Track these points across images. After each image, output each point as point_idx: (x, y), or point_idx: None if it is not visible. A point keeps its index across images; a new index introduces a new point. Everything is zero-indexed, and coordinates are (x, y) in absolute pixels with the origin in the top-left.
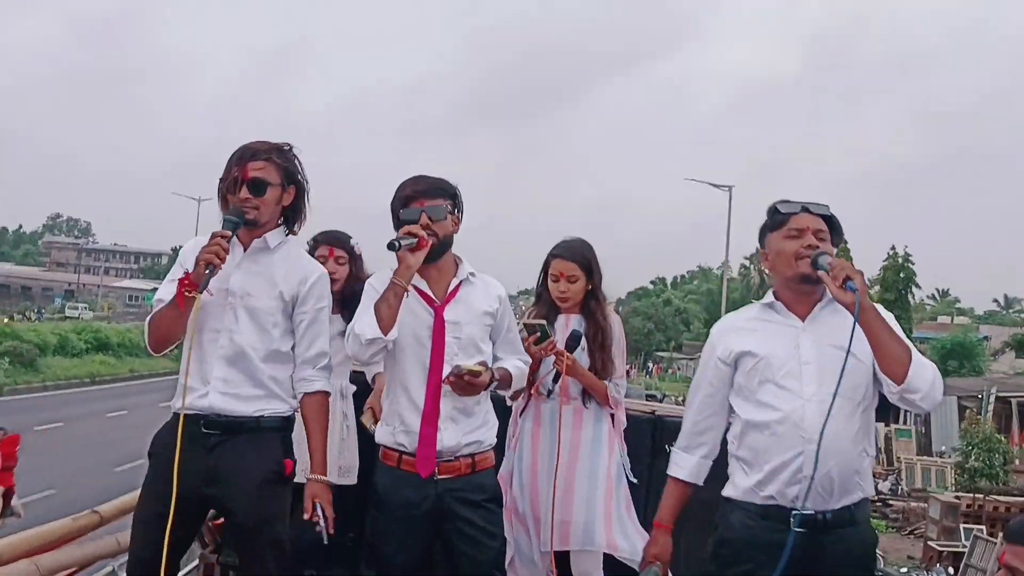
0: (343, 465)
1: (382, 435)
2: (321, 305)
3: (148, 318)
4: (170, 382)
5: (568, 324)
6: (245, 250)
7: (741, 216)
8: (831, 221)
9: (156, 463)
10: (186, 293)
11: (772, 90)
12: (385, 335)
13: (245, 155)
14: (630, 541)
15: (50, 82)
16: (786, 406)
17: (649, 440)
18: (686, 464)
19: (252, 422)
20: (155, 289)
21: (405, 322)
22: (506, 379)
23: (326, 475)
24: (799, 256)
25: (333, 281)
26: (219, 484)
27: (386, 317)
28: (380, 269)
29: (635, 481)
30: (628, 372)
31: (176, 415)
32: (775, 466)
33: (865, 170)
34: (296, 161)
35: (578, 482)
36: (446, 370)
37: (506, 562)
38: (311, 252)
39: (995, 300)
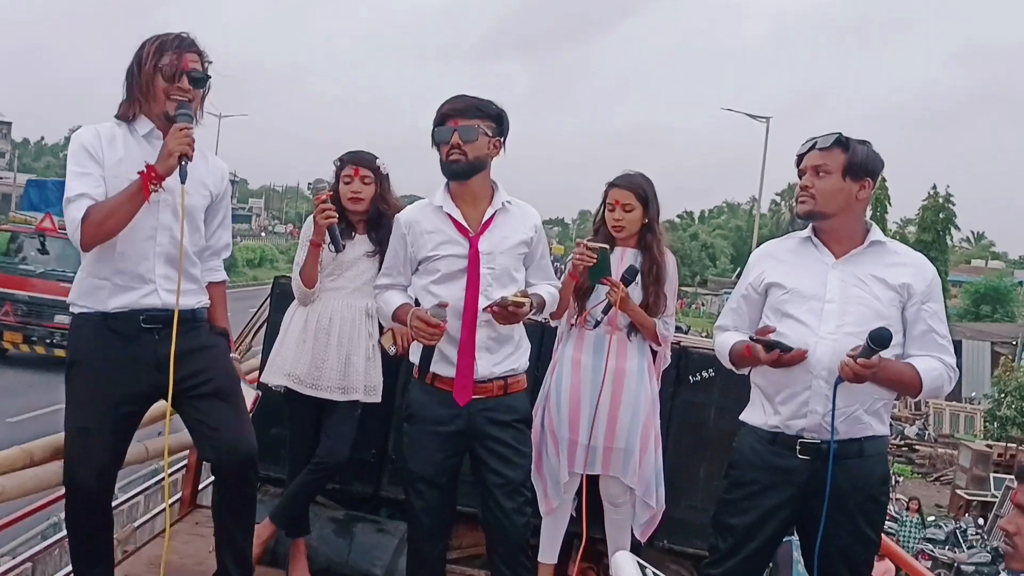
0: (368, 384)
1: (417, 356)
2: (228, 199)
3: (78, 215)
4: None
5: (624, 257)
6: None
7: (774, 150)
8: (844, 147)
9: (86, 369)
10: (151, 186)
11: (812, 20)
12: (308, 287)
13: (184, 44)
14: (645, 483)
15: (74, 3)
16: (800, 341)
17: (673, 370)
18: (734, 336)
19: (189, 314)
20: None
21: (440, 255)
22: (540, 305)
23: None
24: (797, 197)
25: (359, 200)
26: (181, 368)
27: (307, 272)
28: (411, 199)
29: (667, 427)
30: None
31: (99, 315)
32: (783, 397)
33: (903, 104)
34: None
35: (622, 411)
36: (481, 302)
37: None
38: (336, 172)
39: None
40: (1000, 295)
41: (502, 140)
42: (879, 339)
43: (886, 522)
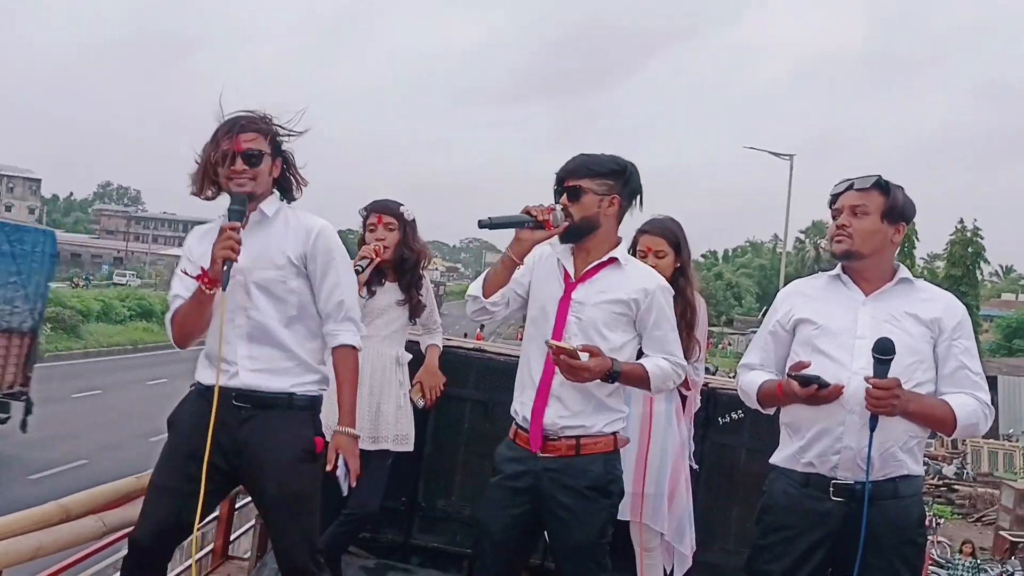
0: (399, 433)
1: (513, 408)
2: (330, 257)
3: (168, 315)
4: None
5: None
6: (244, 226)
7: (796, 189)
8: (885, 190)
9: (175, 433)
10: (206, 291)
11: (833, 62)
12: (485, 297)
13: (235, 127)
14: (675, 527)
15: (105, 51)
16: (832, 377)
17: (702, 412)
18: (761, 375)
19: (285, 398)
20: None
21: (539, 295)
22: (636, 375)
23: (354, 426)
24: (830, 235)
25: (384, 248)
26: (247, 458)
27: (491, 281)
28: (435, 244)
29: (696, 468)
30: None
31: (199, 387)
32: (815, 434)
33: (927, 141)
34: (279, 132)
35: (651, 456)
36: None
37: None
38: (364, 221)
39: None
40: None
41: (621, 197)
42: (882, 349)
43: (936, 568)
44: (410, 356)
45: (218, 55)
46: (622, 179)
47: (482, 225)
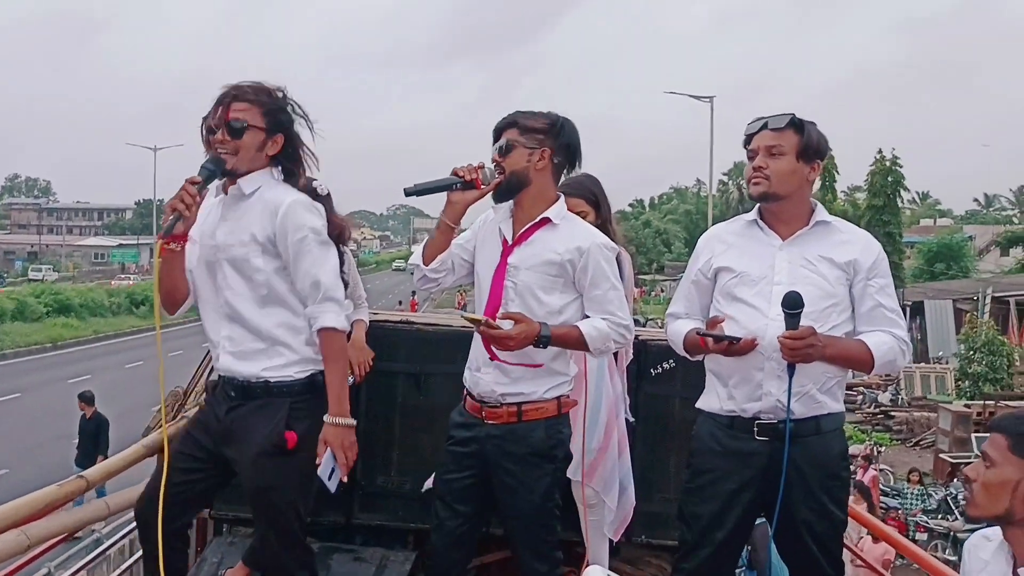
0: None
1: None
2: (300, 235)
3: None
4: (136, 341)
5: None
6: (225, 191)
7: (718, 132)
8: (798, 128)
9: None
10: (164, 246)
11: (754, 4)
12: (424, 264)
13: (228, 96)
14: (605, 483)
15: (9, 36)
16: (751, 324)
17: (634, 364)
18: (687, 324)
19: (261, 386)
20: (121, 246)
21: (481, 260)
22: (571, 338)
23: (345, 415)
24: (747, 177)
25: None
26: (230, 447)
27: (429, 248)
28: (360, 215)
29: (632, 420)
30: None
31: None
32: (737, 381)
33: (843, 79)
34: (287, 107)
35: (586, 414)
36: (500, 315)
37: None
38: None
39: (975, 199)
40: (953, 252)
41: (549, 151)
42: (791, 303)
43: (886, 499)
44: None
45: (131, 30)
46: (552, 133)
47: (408, 193)
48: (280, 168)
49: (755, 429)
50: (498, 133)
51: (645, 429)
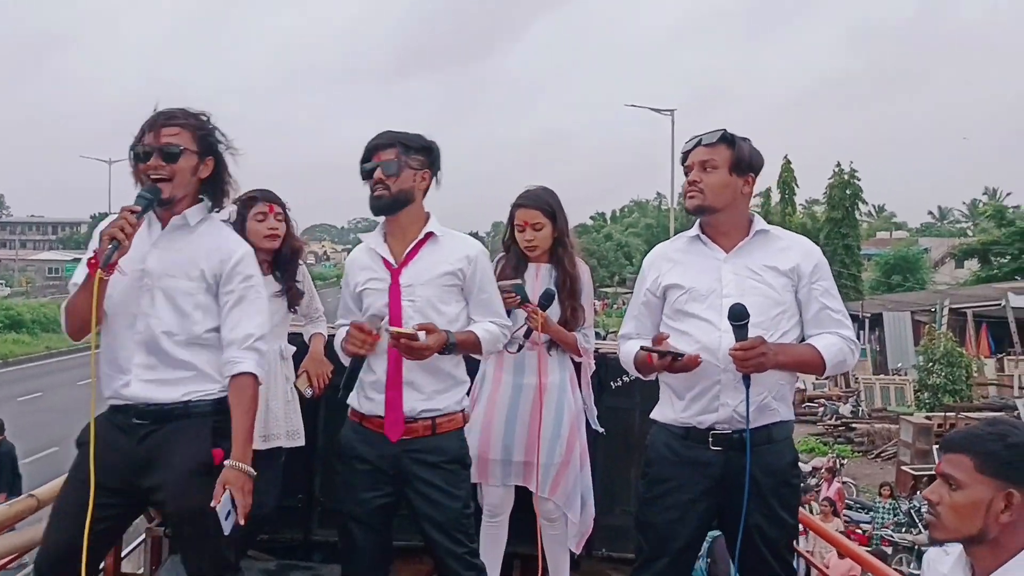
0: (290, 428)
1: (351, 399)
2: (249, 284)
3: (64, 303)
4: (88, 358)
5: (538, 274)
6: (164, 227)
7: (679, 145)
8: (730, 143)
9: (82, 453)
10: (99, 273)
11: (711, 15)
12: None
13: (158, 120)
14: (567, 496)
15: None
16: (704, 337)
17: (595, 377)
18: (636, 344)
19: (180, 408)
20: (76, 260)
21: (369, 289)
22: (470, 342)
23: (247, 462)
24: (685, 192)
25: (275, 238)
26: (151, 475)
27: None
28: (322, 228)
29: (601, 431)
30: None
31: (107, 404)
32: (694, 394)
33: (803, 90)
34: (216, 130)
35: (543, 427)
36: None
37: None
38: (242, 210)
39: (929, 212)
40: (909, 264)
41: (431, 172)
42: (736, 315)
43: (850, 512)
44: (294, 348)
45: (82, 51)
46: (431, 155)
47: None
48: (209, 193)
49: (710, 439)
50: (375, 151)
51: (606, 442)
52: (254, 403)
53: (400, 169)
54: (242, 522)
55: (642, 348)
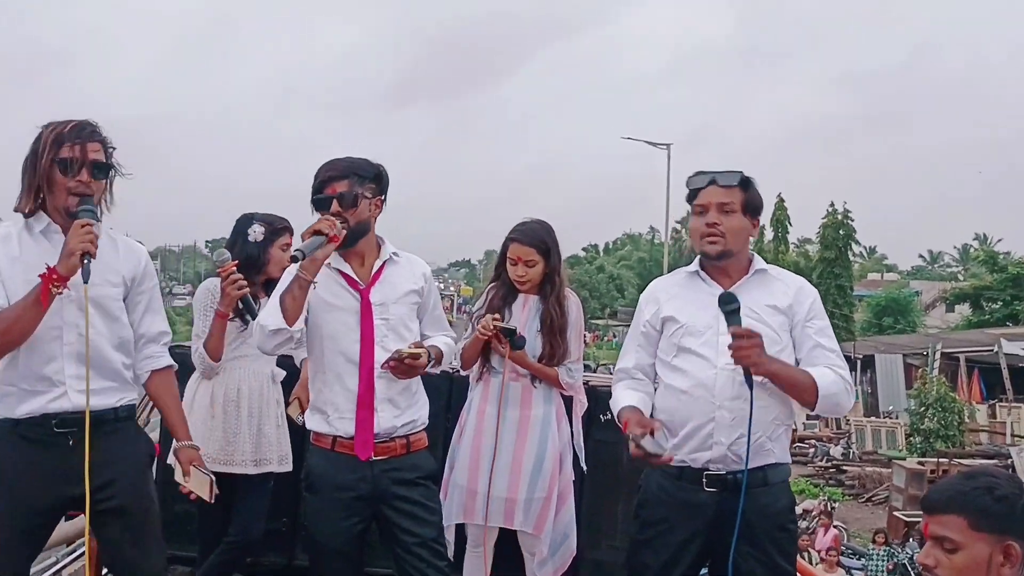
0: (281, 453)
1: (314, 422)
2: (154, 283)
3: None
4: None
5: (526, 306)
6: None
7: (674, 179)
8: (745, 186)
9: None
10: (53, 289)
11: (705, 55)
12: (290, 326)
13: (83, 134)
14: (548, 531)
15: None
16: (700, 374)
17: (584, 412)
18: (631, 397)
19: (110, 414)
20: None
21: (331, 308)
22: (439, 357)
23: (191, 440)
24: (702, 235)
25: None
26: (93, 478)
27: (291, 308)
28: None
29: (584, 468)
30: None
31: (5, 423)
32: (688, 431)
33: (796, 129)
34: (113, 149)
35: (525, 460)
36: (377, 353)
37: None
38: (271, 235)
39: (920, 256)
40: (900, 306)
41: (383, 198)
42: (726, 299)
43: (854, 560)
44: (284, 373)
45: (77, 71)
46: (382, 182)
47: (296, 259)
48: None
49: (704, 480)
50: (328, 183)
51: (594, 476)
52: (177, 389)
53: (357, 201)
54: (218, 491)
55: (624, 420)
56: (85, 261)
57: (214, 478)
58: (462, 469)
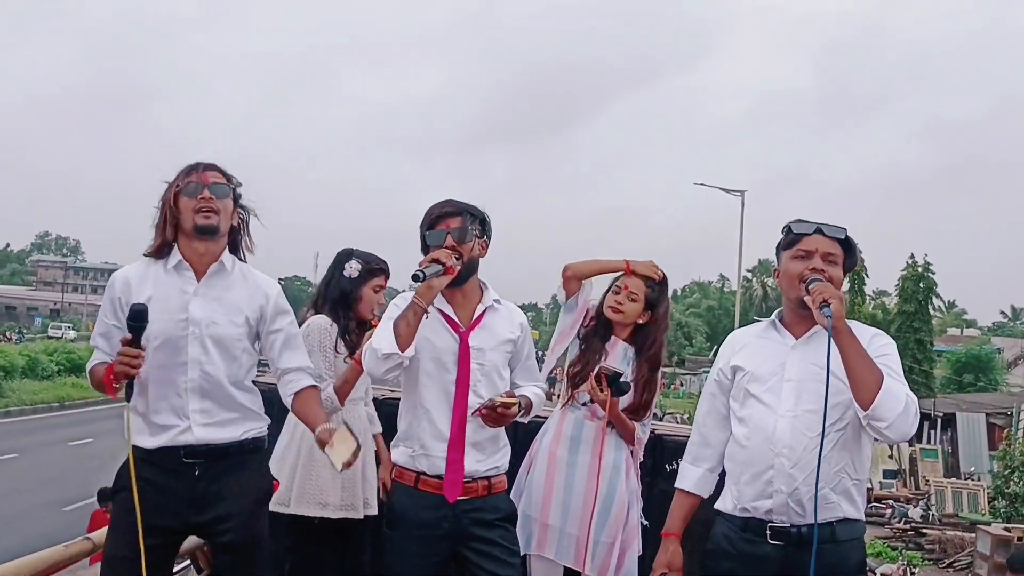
0: (368, 497)
1: (399, 456)
2: (290, 319)
3: (89, 365)
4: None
5: (615, 346)
6: (198, 276)
7: (747, 226)
8: (847, 244)
9: (126, 498)
10: (115, 386)
11: (785, 103)
12: (402, 351)
13: (199, 166)
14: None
15: (56, 101)
16: (761, 421)
17: (649, 460)
18: (691, 476)
19: (236, 446)
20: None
21: (429, 346)
22: (528, 407)
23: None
24: (803, 279)
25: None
26: (211, 509)
27: (404, 334)
28: (405, 290)
29: (646, 523)
30: None
31: (139, 452)
32: (748, 478)
33: (874, 180)
34: (240, 187)
35: (597, 503)
36: (470, 398)
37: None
38: (366, 275)
39: (1002, 312)
40: (982, 363)
41: (487, 241)
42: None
43: None
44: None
45: (171, 104)
46: (487, 226)
47: (416, 279)
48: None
49: (768, 532)
50: (442, 218)
51: (657, 526)
52: (322, 401)
53: (471, 237)
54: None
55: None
56: (132, 387)
57: (359, 441)
58: (535, 502)
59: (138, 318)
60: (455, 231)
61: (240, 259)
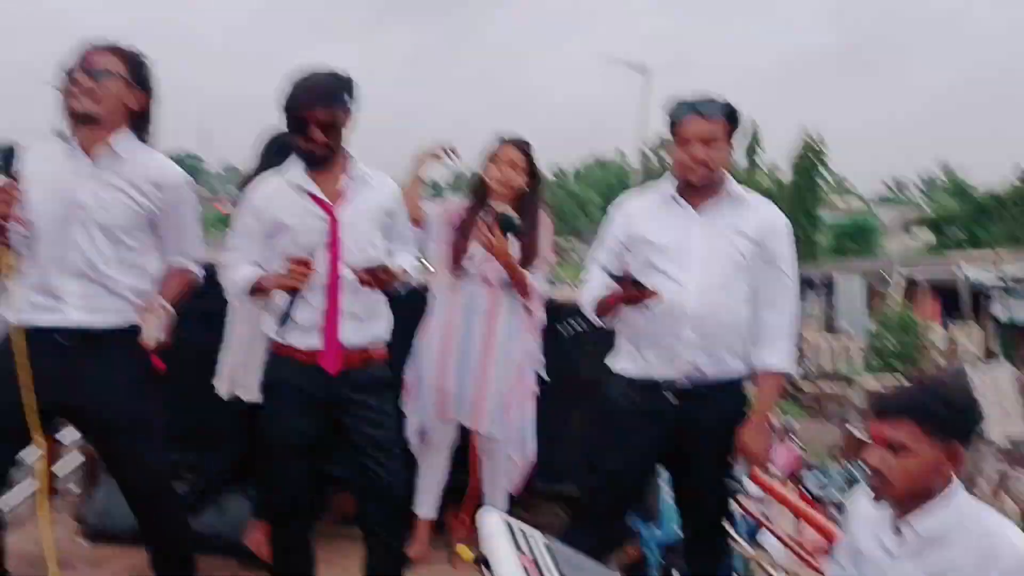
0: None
1: (274, 333)
2: (184, 210)
3: None
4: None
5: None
6: (89, 155)
7: (645, 104)
8: (732, 117)
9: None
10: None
11: None
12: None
13: (86, 48)
14: (513, 435)
15: None
16: (668, 294)
17: (545, 324)
18: (595, 289)
19: (109, 333)
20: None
21: (300, 227)
22: (404, 275)
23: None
24: (683, 166)
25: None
26: (83, 391)
27: (256, 293)
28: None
29: (548, 380)
30: None
31: (13, 328)
32: (651, 347)
33: (773, 58)
34: (148, 66)
35: (490, 366)
36: (342, 270)
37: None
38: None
39: (884, 182)
40: (863, 231)
41: (354, 111)
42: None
43: (816, 479)
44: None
45: None
46: (354, 95)
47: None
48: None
49: (667, 392)
50: (307, 107)
51: (552, 386)
52: (179, 293)
53: (345, 119)
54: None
55: (610, 274)
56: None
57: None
58: (429, 367)
59: (7, 151)
60: (323, 125)
61: (143, 141)
